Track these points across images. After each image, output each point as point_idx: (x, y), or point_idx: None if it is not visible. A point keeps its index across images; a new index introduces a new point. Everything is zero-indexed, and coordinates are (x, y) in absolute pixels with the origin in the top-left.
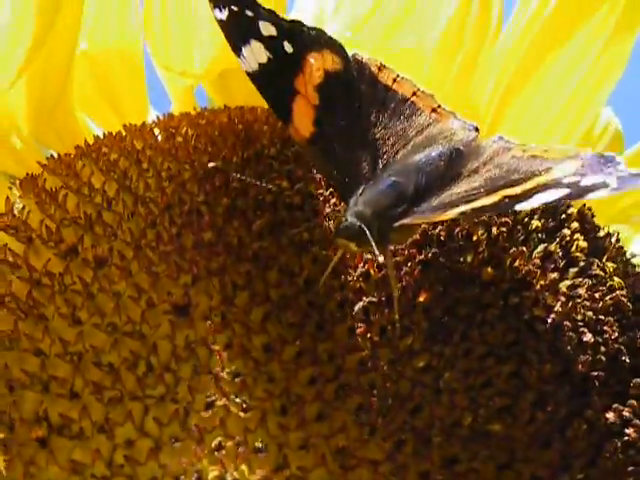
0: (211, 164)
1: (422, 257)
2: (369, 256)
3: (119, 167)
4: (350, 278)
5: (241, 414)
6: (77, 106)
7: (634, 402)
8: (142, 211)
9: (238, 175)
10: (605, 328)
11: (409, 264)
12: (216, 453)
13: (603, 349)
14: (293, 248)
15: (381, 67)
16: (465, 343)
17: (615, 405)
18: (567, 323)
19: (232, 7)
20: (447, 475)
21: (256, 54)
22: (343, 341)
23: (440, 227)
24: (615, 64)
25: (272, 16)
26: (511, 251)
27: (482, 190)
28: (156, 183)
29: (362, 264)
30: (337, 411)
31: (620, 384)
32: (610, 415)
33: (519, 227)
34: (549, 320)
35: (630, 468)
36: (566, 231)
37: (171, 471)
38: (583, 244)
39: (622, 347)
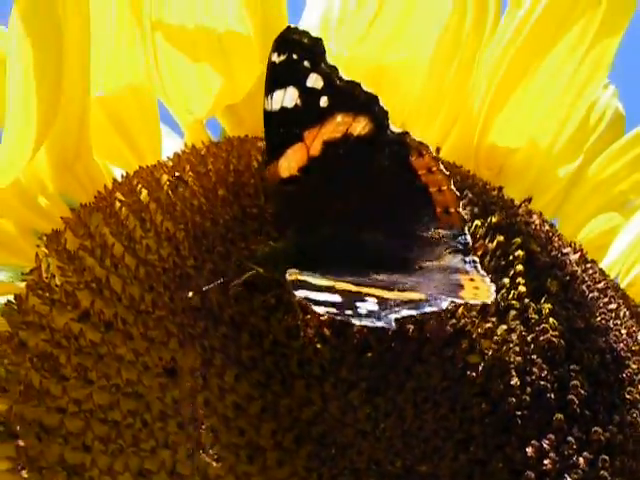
0: None
1: None
2: (323, 319)
3: (127, 227)
4: (308, 340)
5: (214, 464)
6: (97, 152)
7: (552, 436)
8: (142, 275)
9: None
10: (534, 369)
11: None
12: None
13: (529, 390)
14: (262, 311)
15: (423, 152)
16: (402, 394)
17: (533, 441)
18: (495, 370)
19: (292, 55)
20: None
21: (286, 99)
22: (300, 396)
23: None
24: (602, 62)
25: (330, 71)
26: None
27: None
28: (155, 245)
29: (318, 326)
30: (292, 459)
31: (544, 419)
32: (529, 450)
33: None
34: (480, 367)
35: None
36: (506, 280)
37: None
38: (522, 289)
39: (548, 385)
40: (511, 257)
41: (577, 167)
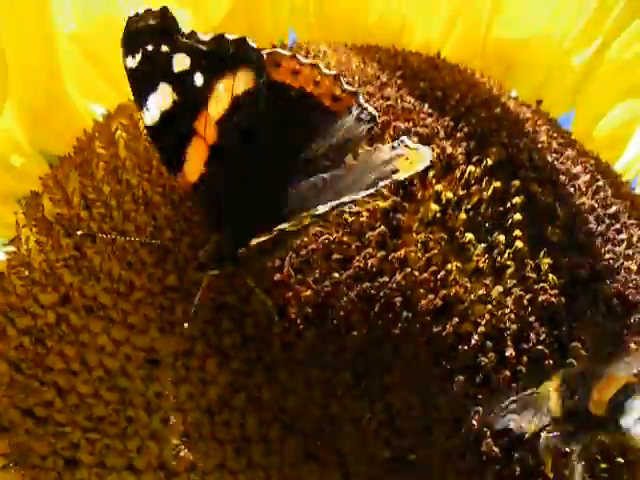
0: None
1: (355, 293)
2: (307, 293)
3: (103, 193)
4: (290, 322)
5: (200, 463)
6: (74, 91)
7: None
8: (119, 249)
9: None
10: (531, 335)
11: (344, 299)
12: None
13: (524, 359)
14: (243, 291)
15: (279, 61)
16: (389, 377)
17: None
18: (489, 341)
19: (147, 47)
20: None
21: (162, 99)
22: (284, 384)
23: (372, 259)
24: None
25: (191, 40)
26: (445, 268)
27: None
28: (132, 213)
29: (300, 306)
30: (279, 452)
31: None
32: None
33: (455, 237)
34: (473, 339)
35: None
36: (501, 237)
37: None
38: (519, 245)
39: (546, 350)
40: (509, 204)
41: (595, 50)
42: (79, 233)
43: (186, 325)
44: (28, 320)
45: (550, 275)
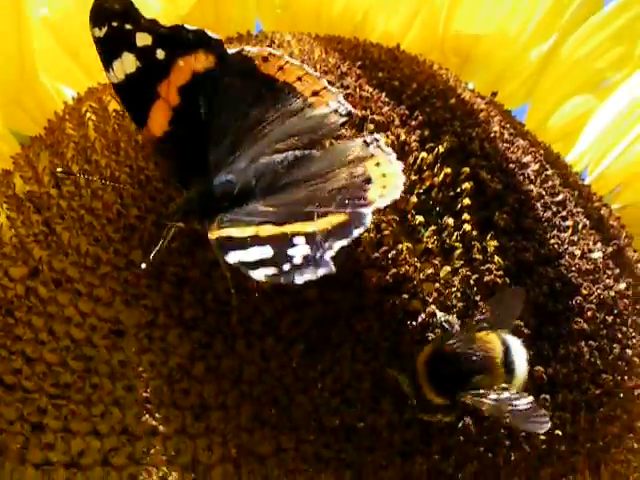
0: None
1: None
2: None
3: (73, 170)
4: (250, 296)
5: (161, 427)
6: (46, 74)
7: None
8: (87, 226)
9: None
10: (475, 314)
11: None
12: (143, 459)
13: None
14: (204, 266)
15: (268, 57)
16: (341, 350)
17: None
18: (434, 319)
19: (112, 23)
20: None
21: (125, 65)
22: (242, 355)
23: None
24: None
25: (152, 25)
26: (396, 248)
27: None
28: (100, 191)
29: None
30: (236, 417)
31: None
32: None
33: (407, 219)
34: (421, 315)
35: None
36: (450, 220)
37: (112, 473)
38: (467, 227)
39: None
40: (459, 189)
41: (550, 46)
42: (59, 170)
43: (143, 265)
44: None
45: (496, 257)
